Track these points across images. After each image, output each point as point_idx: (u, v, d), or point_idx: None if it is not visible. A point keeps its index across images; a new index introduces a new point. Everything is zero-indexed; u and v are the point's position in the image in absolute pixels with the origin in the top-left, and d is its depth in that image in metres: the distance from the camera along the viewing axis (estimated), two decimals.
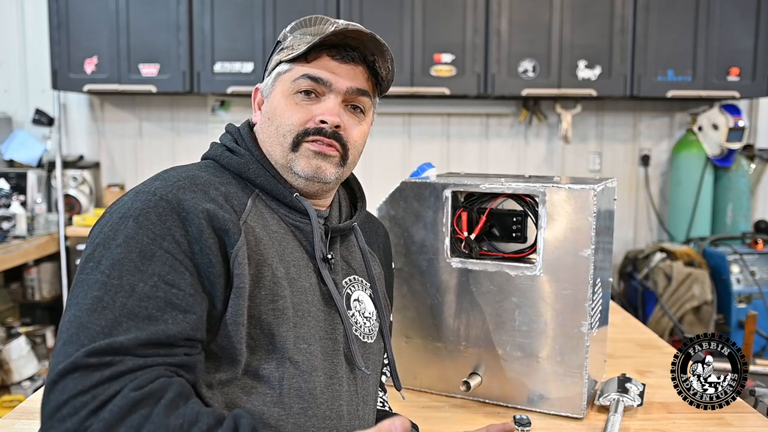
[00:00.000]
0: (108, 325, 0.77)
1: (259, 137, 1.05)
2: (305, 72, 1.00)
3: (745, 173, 3.75)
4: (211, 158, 1.03)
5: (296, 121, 1.00)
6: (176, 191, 0.88)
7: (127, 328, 0.78)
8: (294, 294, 0.95)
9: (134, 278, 0.81)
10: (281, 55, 1.04)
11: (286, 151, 1.00)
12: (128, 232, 0.84)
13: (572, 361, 1.29)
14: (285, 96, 1.01)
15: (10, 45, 3.82)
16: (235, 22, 3.39)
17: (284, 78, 1.02)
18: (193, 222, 0.87)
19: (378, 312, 1.11)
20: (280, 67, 1.03)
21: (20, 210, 3.39)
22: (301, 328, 0.94)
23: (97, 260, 0.83)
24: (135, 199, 0.88)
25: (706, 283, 3.32)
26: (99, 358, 0.74)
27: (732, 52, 3.45)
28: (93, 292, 0.80)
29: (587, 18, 3.42)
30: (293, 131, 1.00)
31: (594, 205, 1.25)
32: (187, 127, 3.89)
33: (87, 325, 0.77)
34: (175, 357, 0.80)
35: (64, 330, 0.78)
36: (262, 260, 0.92)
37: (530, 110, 3.83)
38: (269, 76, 1.06)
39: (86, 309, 0.79)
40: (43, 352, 3.42)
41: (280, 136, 1.00)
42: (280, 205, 1.01)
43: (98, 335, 0.76)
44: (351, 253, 1.11)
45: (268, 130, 1.02)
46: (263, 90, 1.07)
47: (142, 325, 0.79)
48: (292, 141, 1.00)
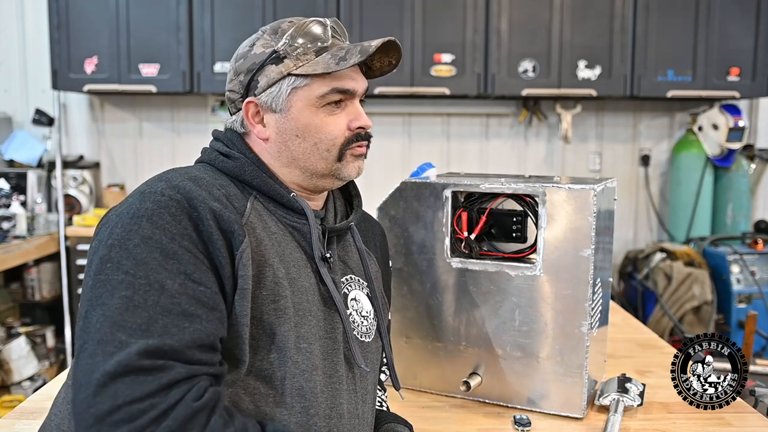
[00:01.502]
0: (144, 323, 0.77)
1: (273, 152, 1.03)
2: (335, 86, 1.00)
3: (745, 173, 3.75)
4: (206, 162, 1.03)
5: (338, 134, 1.02)
6: (183, 191, 0.88)
7: (163, 325, 0.78)
8: (295, 294, 0.95)
9: (161, 276, 0.81)
10: (285, 67, 1.00)
11: (331, 163, 1.02)
12: (144, 232, 0.84)
13: (572, 361, 1.29)
14: (313, 110, 1.01)
15: (10, 45, 3.82)
16: (235, 22, 3.39)
17: (305, 93, 1.00)
18: (204, 222, 0.87)
19: (375, 311, 1.11)
20: (291, 80, 1.00)
21: (20, 210, 3.39)
22: (302, 327, 0.95)
23: (116, 261, 0.82)
24: (142, 199, 0.87)
25: (706, 283, 3.31)
26: (152, 360, 0.74)
27: (732, 52, 3.45)
28: (120, 292, 0.79)
29: (587, 18, 3.42)
30: (337, 144, 1.02)
31: (594, 205, 1.25)
32: (187, 127, 3.89)
33: (121, 323, 0.76)
34: (214, 366, 0.82)
35: (93, 329, 0.77)
36: (264, 261, 0.92)
37: (530, 110, 3.83)
38: (272, 89, 1.01)
39: (117, 308, 0.78)
40: (43, 352, 3.42)
41: (323, 151, 1.02)
42: (278, 207, 1.01)
43: (135, 332, 0.76)
44: (348, 252, 1.11)
45: (302, 147, 1.01)
46: (269, 104, 1.01)
47: (177, 321, 0.79)
48: (338, 154, 1.02)
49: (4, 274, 3.43)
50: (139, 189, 0.91)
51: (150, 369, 0.74)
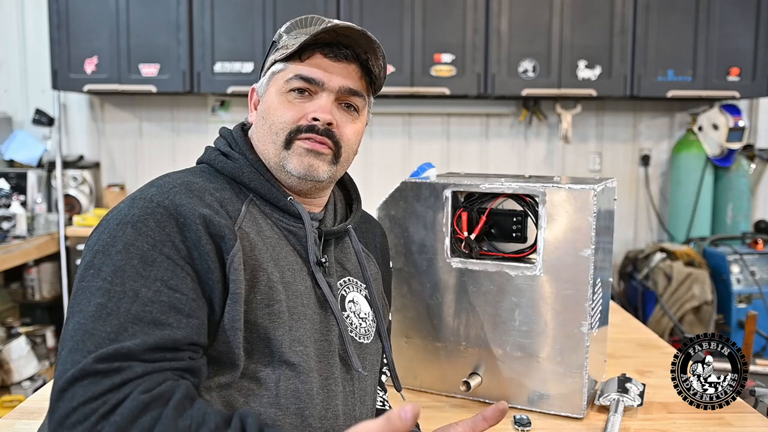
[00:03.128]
0: (114, 331, 0.77)
1: (254, 138, 1.05)
2: (298, 72, 1.00)
3: (745, 173, 3.75)
4: (206, 162, 1.04)
5: (289, 119, 1.00)
6: (173, 197, 0.89)
7: (133, 333, 0.78)
8: (289, 298, 0.95)
9: (137, 284, 0.81)
10: (275, 55, 1.04)
11: (278, 149, 1.00)
12: (127, 238, 0.84)
13: (572, 361, 1.29)
14: (278, 95, 1.02)
15: (10, 45, 3.82)
16: (235, 22, 3.39)
17: (278, 77, 1.02)
18: (191, 228, 0.87)
19: (374, 312, 1.11)
20: (274, 66, 1.04)
21: (20, 210, 3.39)
22: (297, 330, 0.95)
23: (97, 267, 0.83)
24: (131, 206, 0.88)
25: (706, 283, 3.31)
26: (108, 364, 0.75)
27: (732, 52, 3.45)
28: (96, 299, 0.80)
29: (587, 18, 3.42)
30: (285, 129, 1.00)
31: (594, 205, 1.25)
32: (187, 127, 3.89)
33: (92, 331, 0.77)
34: (181, 361, 0.80)
35: (68, 338, 0.78)
36: (257, 265, 0.92)
37: (530, 110, 3.83)
38: (264, 76, 1.06)
39: (90, 316, 0.78)
40: (43, 352, 3.42)
41: (272, 134, 1.01)
42: (274, 210, 1.01)
43: (104, 341, 0.76)
44: (346, 254, 1.11)
45: (262, 129, 1.03)
46: (258, 90, 1.07)
47: (147, 329, 0.79)
48: (285, 139, 1.00)
49: (4, 274, 3.43)
50: (131, 195, 0.92)
51: (106, 371, 0.74)
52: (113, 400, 0.72)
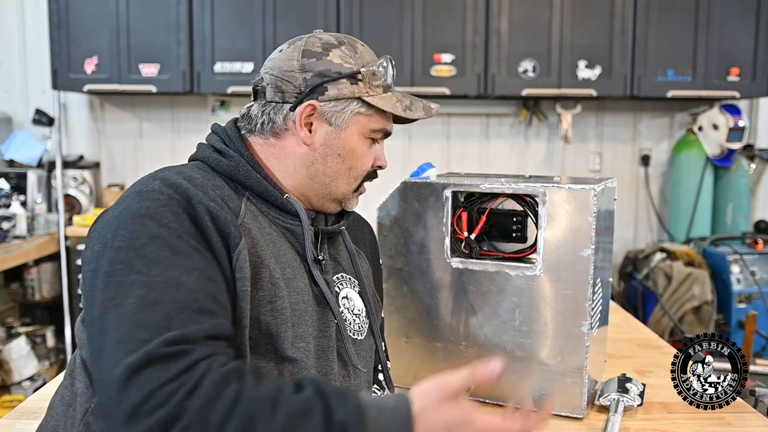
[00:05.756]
0: (164, 319, 0.76)
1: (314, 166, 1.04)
2: (385, 127, 1.07)
3: (745, 173, 3.75)
4: (200, 159, 1.02)
5: (368, 167, 1.08)
6: (181, 190, 0.88)
7: (183, 320, 0.76)
8: (291, 294, 0.96)
9: (175, 273, 0.80)
10: (358, 89, 1.02)
11: (350, 190, 1.07)
12: (151, 231, 0.83)
13: (572, 361, 1.29)
14: (362, 139, 1.06)
15: (10, 45, 3.82)
16: (235, 22, 3.39)
17: (364, 121, 1.04)
18: (203, 221, 0.87)
19: (367, 309, 1.12)
20: (358, 104, 1.03)
21: (20, 210, 3.39)
22: (299, 327, 0.95)
23: (126, 262, 0.80)
24: (140, 199, 0.86)
25: (706, 283, 3.31)
26: (175, 347, 0.73)
27: (732, 52, 3.45)
28: (135, 292, 0.78)
29: (587, 18, 3.42)
30: (363, 174, 1.08)
31: (594, 205, 1.25)
32: (187, 127, 3.89)
33: (141, 322, 0.75)
34: (230, 349, 0.80)
35: (110, 330, 0.76)
36: (260, 262, 0.92)
37: (530, 110, 3.82)
38: (337, 103, 1.01)
39: (134, 308, 0.77)
40: (43, 352, 3.42)
41: (352, 178, 1.06)
42: (270, 207, 1.01)
43: (158, 329, 0.75)
44: (339, 251, 1.12)
45: (336, 166, 1.04)
46: (328, 115, 1.02)
47: (196, 318, 0.78)
48: (359, 184, 1.08)
49: (4, 274, 3.43)
50: (134, 189, 0.90)
51: (174, 354, 0.73)
52: (192, 378, 0.72)
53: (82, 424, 0.90)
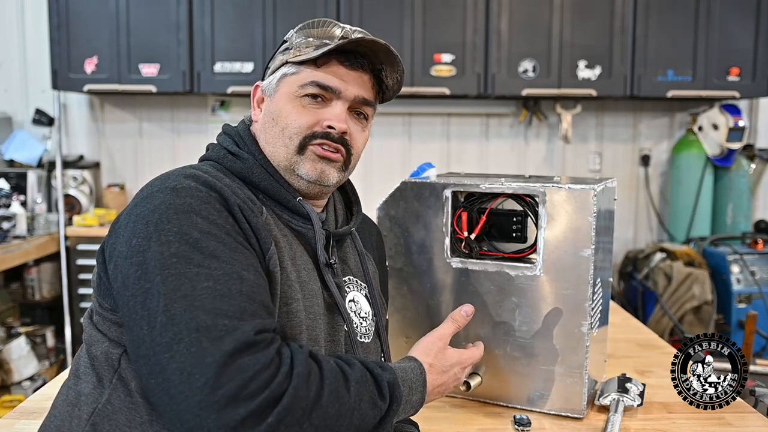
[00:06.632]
0: (239, 310, 0.79)
1: (260, 136, 1.04)
2: (314, 79, 1.00)
3: (745, 173, 3.75)
4: (214, 160, 1.02)
5: (303, 124, 1.00)
6: (215, 189, 0.89)
7: (253, 312, 0.80)
8: (305, 297, 0.96)
9: (235, 267, 0.82)
10: (287, 56, 1.03)
11: (291, 153, 1.00)
12: (200, 226, 0.83)
13: (572, 361, 1.29)
14: (291, 98, 1.01)
15: (10, 45, 3.82)
16: (235, 22, 3.39)
17: (291, 80, 1.02)
18: (242, 222, 0.89)
19: (374, 312, 1.12)
20: (286, 68, 1.03)
21: (20, 210, 3.39)
22: (313, 330, 0.96)
23: (182, 256, 0.80)
24: (179, 195, 0.86)
25: (706, 283, 3.31)
26: (264, 335, 0.79)
27: (732, 52, 3.45)
28: (201, 283, 0.79)
29: (587, 18, 3.42)
30: (300, 134, 1.00)
31: (594, 205, 1.25)
32: (187, 127, 3.89)
33: (217, 311, 0.77)
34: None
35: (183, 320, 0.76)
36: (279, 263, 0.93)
37: (530, 110, 3.83)
38: (272, 75, 1.05)
39: (205, 298, 0.78)
40: (43, 352, 3.42)
41: (285, 138, 1.00)
42: (283, 210, 1.01)
43: (235, 317, 0.78)
44: (347, 253, 1.12)
45: (272, 131, 1.02)
46: (265, 89, 1.06)
47: (263, 310, 0.82)
48: (299, 143, 1.00)
49: (4, 274, 3.43)
50: (166, 185, 0.88)
51: (262, 342, 0.78)
52: (286, 362, 0.79)
53: (89, 424, 0.89)
